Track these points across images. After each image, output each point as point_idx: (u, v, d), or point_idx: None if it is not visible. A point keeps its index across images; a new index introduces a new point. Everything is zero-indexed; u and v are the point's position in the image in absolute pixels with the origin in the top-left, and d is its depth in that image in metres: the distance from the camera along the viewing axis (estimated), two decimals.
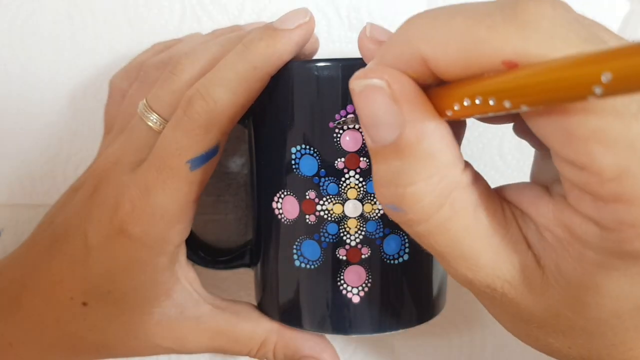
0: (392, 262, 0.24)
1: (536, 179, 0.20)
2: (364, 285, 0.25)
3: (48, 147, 0.33)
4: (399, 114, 0.16)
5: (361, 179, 0.23)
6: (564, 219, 0.16)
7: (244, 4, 0.31)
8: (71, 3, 0.32)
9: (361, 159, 0.23)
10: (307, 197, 0.24)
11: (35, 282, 0.26)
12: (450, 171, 0.17)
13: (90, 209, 0.25)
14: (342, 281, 0.25)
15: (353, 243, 0.24)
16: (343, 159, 0.23)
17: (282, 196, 0.25)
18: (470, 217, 0.17)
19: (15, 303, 0.26)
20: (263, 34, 0.23)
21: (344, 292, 0.25)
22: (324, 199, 0.24)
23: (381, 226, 0.24)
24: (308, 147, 0.24)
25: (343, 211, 0.24)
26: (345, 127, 0.23)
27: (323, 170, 0.24)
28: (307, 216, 0.24)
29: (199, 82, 0.23)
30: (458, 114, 0.16)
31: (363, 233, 0.24)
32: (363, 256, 0.24)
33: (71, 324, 0.26)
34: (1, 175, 0.33)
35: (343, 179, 0.23)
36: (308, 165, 0.24)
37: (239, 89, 0.23)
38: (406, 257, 0.25)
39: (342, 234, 0.24)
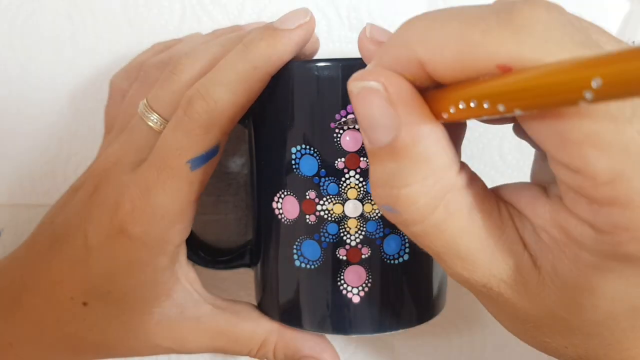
0: (392, 262, 0.24)
1: (536, 179, 0.20)
2: (364, 285, 0.25)
3: (48, 147, 0.33)
4: (395, 117, 0.16)
5: (361, 179, 0.23)
6: (560, 221, 0.16)
7: (244, 4, 0.31)
8: (71, 3, 0.32)
9: (361, 159, 0.23)
10: (307, 197, 0.24)
11: (35, 282, 0.26)
12: (445, 173, 0.17)
13: (90, 209, 0.25)
14: (342, 281, 0.25)
15: (353, 243, 0.24)
16: (343, 159, 0.23)
17: (282, 196, 0.25)
18: (465, 219, 0.17)
19: (15, 303, 0.26)
20: (263, 34, 0.23)
21: (344, 292, 0.25)
22: (324, 199, 0.24)
23: (381, 226, 0.24)
24: (308, 147, 0.24)
25: (343, 211, 0.24)
26: (345, 127, 0.23)
27: (323, 170, 0.24)
28: (307, 216, 0.24)
29: (199, 82, 0.23)
30: (454, 117, 0.16)
31: (363, 233, 0.24)
32: (363, 256, 0.24)
33: (71, 324, 0.26)
34: (1, 175, 0.33)
35: (343, 179, 0.24)
36: (308, 165, 0.24)
37: (239, 89, 0.23)
38: (406, 257, 0.25)
39: (342, 234, 0.24)
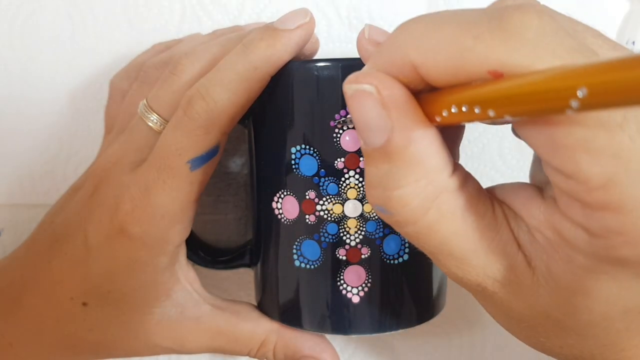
0: (392, 262, 0.24)
1: (534, 179, 0.20)
2: (364, 285, 0.25)
3: (48, 147, 0.33)
4: (387, 119, 0.16)
5: (361, 179, 0.23)
6: (555, 223, 0.17)
7: (244, 4, 0.31)
8: (71, 3, 0.32)
9: (361, 159, 0.23)
10: (307, 197, 0.24)
11: (35, 282, 0.26)
12: (437, 176, 0.17)
13: (90, 209, 0.25)
14: (342, 281, 0.25)
15: (353, 243, 0.24)
16: (343, 159, 0.23)
17: (282, 196, 0.25)
18: (458, 221, 0.17)
19: (15, 303, 0.26)
20: (263, 34, 0.23)
21: (344, 292, 0.25)
22: (324, 199, 0.24)
23: (381, 226, 0.24)
24: (308, 147, 0.24)
25: (343, 211, 0.24)
26: (345, 127, 0.23)
27: (323, 170, 0.24)
28: (307, 216, 0.24)
29: (199, 82, 0.23)
30: (446, 120, 0.16)
31: (363, 233, 0.24)
32: (363, 256, 0.24)
33: (71, 324, 0.26)
34: (1, 175, 0.33)
35: (343, 179, 0.24)
36: (308, 165, 0.24)
37: (239, 89, 0.23)
38: (406, 257, 0.25)
39: (342, 234, 0.24)
